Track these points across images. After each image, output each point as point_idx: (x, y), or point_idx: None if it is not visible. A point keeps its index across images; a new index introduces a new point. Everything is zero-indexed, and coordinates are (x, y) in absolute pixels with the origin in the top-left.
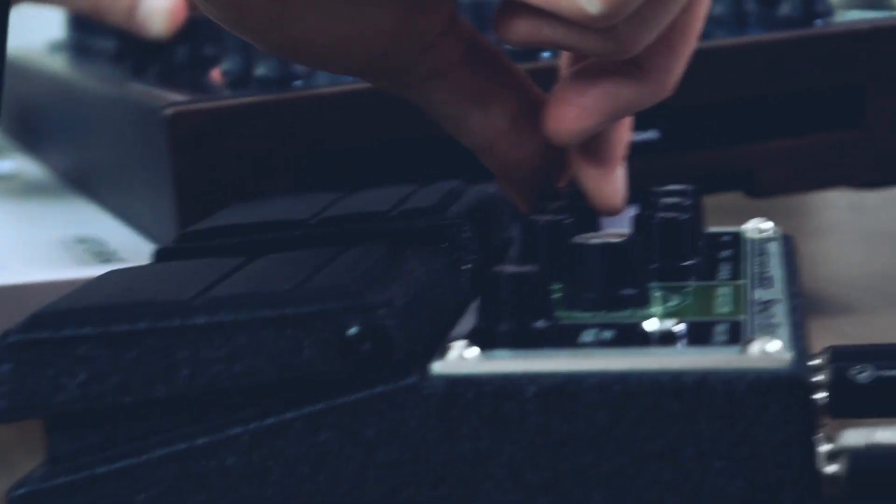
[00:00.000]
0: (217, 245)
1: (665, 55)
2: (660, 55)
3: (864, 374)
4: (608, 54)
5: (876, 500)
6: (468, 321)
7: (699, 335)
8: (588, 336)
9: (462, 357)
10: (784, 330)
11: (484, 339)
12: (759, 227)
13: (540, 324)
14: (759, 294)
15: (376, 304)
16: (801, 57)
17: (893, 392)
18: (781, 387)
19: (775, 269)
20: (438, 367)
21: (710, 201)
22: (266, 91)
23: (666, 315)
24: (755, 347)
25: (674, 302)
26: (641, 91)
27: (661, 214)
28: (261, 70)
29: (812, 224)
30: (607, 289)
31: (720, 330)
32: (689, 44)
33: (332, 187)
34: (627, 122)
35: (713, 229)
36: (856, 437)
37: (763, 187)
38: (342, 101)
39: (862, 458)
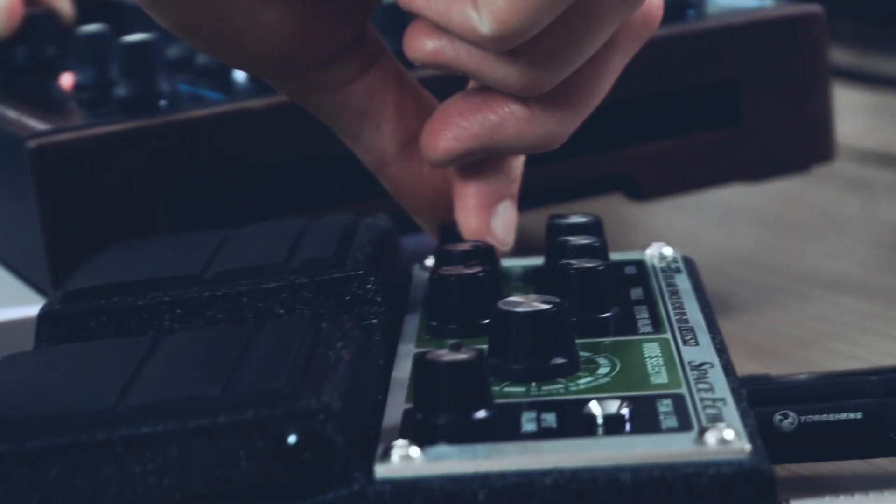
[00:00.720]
0: (107, 306)
1: (564, 105)
2: (558, 103)
3: (788, 421)
4: (507, 88)
5: None
6: (396, 405)
7: (646, 419)
8: (529, 423)
9: (406, 458)
10: (731, 409)
11: (423, 434)
12: (660, 252)
13: (481, 414)
14: (688, 354)
15: (315, 410)
16: (676, 55)
17: (817, 437)
18: (744, 481)
19: (692, 312)
20: (383, 470)
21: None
22: (134, 116)
23: (600, 388)
24: (711, 438)
25: (604, 369)
26: (527, 133)
27: (578, 265)
28: (121, 91)
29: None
30: (537, 360)
31: (665, 410)
32: (594, 98)
33: (211, 219)
34: (520, 158)
35: (614, 256)
36: None
37: (645, 189)
38: (216, 125)
39: None
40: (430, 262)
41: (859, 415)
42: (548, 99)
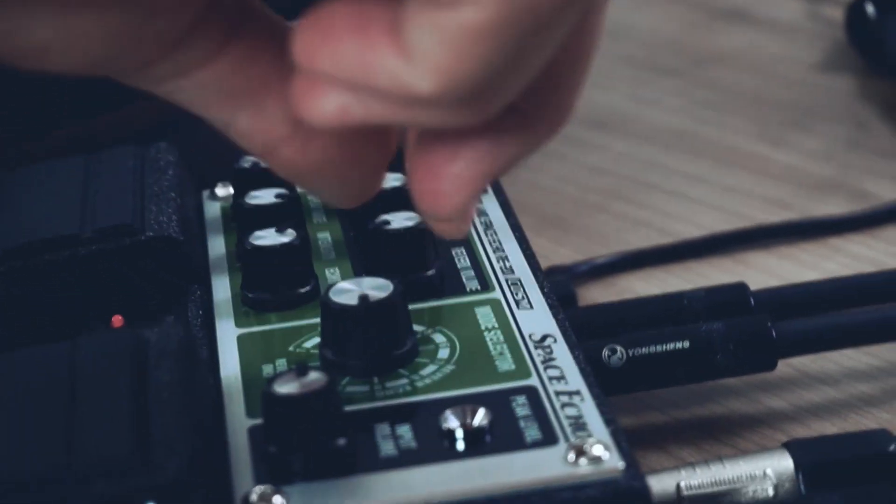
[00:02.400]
0: None
1: (551, 91)
2: (544, 93)
3: (616, 357)
4: (455, 126)
5: None
6: (237, 421)
7: (506, 429)
8: (387, 444)
9: None
10: (590, 408)
11: (280, 473)
12: None
13: (339, 442)
14: (526, 324)
15: (173, 480)
16: None
17: (646, 368)
18: (620, 500)
19: (513, 254)
20: None
21: None
22: None
23: (446, 381)
24: (583, 459)
25: (444, 351)
26: (528, 137)
27: (392, 225)
28: None
29: None
30: (377, 354)
31: (523, 413)
32: (584, 67)
33: None
34: None
35: None
36: None
37: None
38: None
39: None
40: (221, 190)
41: (686, 343)
42: (530, 93)
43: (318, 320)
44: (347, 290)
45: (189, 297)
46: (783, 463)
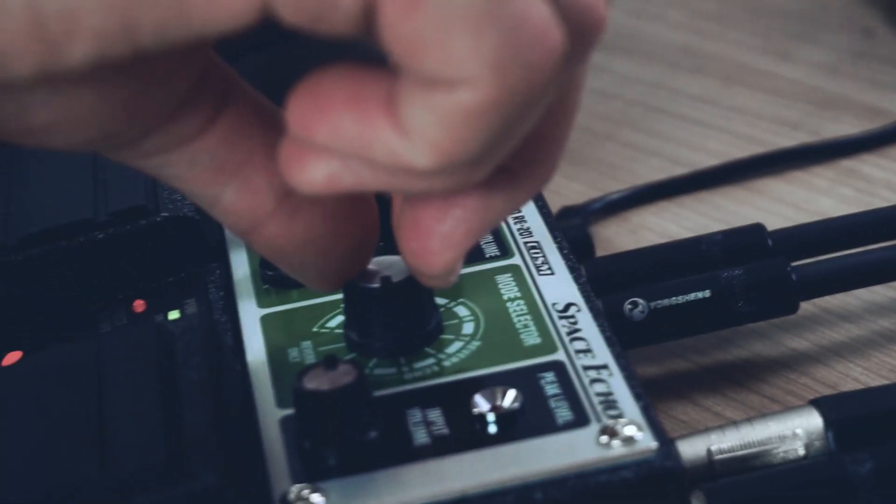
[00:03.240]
0: None
1: (537, 149)
2: (530, 151)
3: (638, 310)
4: (445, 192)
5: None
6: (268, 413)
7: (537, 410)
8: (419, 431)
9: None
10: (619, 384)
11: (316, 469)
12: None
13: (371, 434)
14: (548, 293)
15: (211, 485)
16: None
17: (668, 319)
18: (655, 479)
19: (531, 216)
20: None
21: None
22: None
23: (473, 359)
24: (616, 441)
25: (469, 325)
26: (515, 193)
27: None
28: None
29: None
30: (403, 334)
31: (553, 392)
32: (569, 123)
33: None
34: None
35: None
36: None
37: None
38: None
39: None
40: None
41: (707, 293)
42: (517, 154)
43: (339, 296)
44: (369, 271)
45: (208, 277)
46: (812, 421)
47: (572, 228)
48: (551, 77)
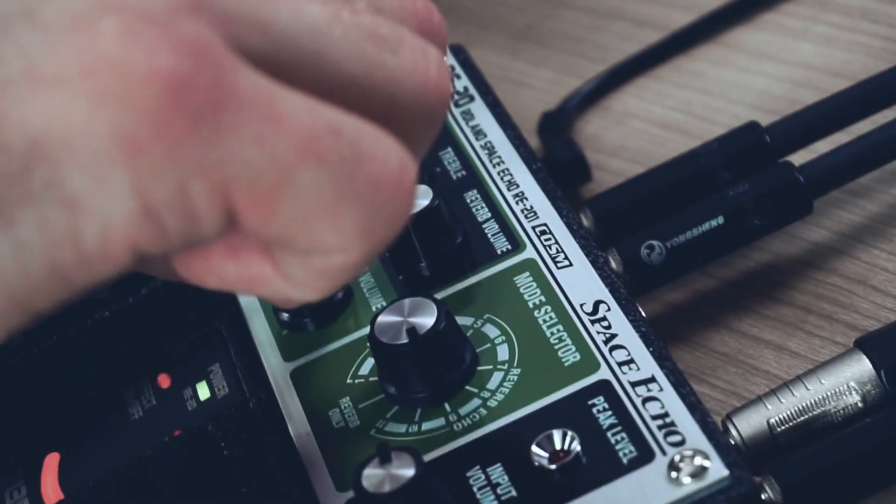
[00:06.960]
0: None
1: None
2: None
3: (656, 253)
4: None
5: None
6: (329, 495)
7: (598, 450)
8: (487, 497)
9: None
10: (675, 403)
11: None
12: None
13: None
14: (573, 292)
15: None
16: None
17: (685, 254)
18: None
19: (531, 191)
20: None
21: None
22: None
23: (517, 393)
24: (686, 477)
25: (503, 349)
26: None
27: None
28: None
29: None
30: (441, 381)
31: (608, 422)
32: None
33: None
34: None
35: None
36: None
37: None
38: None
39: None
40: None
41: (721, 219)
42: None
43: (363, 332)
44: (392, 322)
45: (223, 333)
46: (862, 368)
47: (563, 150)
48: (411, 207)
